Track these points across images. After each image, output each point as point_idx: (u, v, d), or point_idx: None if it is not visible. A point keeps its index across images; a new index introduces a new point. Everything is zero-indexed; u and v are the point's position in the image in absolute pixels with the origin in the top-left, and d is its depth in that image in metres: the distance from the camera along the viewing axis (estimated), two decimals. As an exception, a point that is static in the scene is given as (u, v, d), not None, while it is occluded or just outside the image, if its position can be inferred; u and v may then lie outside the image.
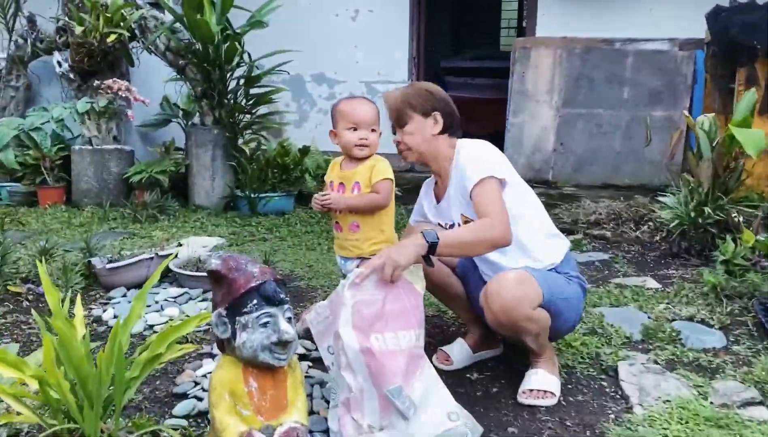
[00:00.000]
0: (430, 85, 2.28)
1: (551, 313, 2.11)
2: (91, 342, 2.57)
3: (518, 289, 2.01)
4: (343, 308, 1.85)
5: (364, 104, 2.38)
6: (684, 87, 6.19)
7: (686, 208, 3.74)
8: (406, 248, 1.94)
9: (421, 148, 2.23)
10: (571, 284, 2.21)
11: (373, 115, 2.36)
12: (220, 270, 1.46)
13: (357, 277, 1.87)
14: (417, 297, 1.96)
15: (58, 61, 5.22)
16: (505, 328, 2.10)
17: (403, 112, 2.21)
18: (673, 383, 2.27)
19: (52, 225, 4.60)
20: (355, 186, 2.39)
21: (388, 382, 1.82)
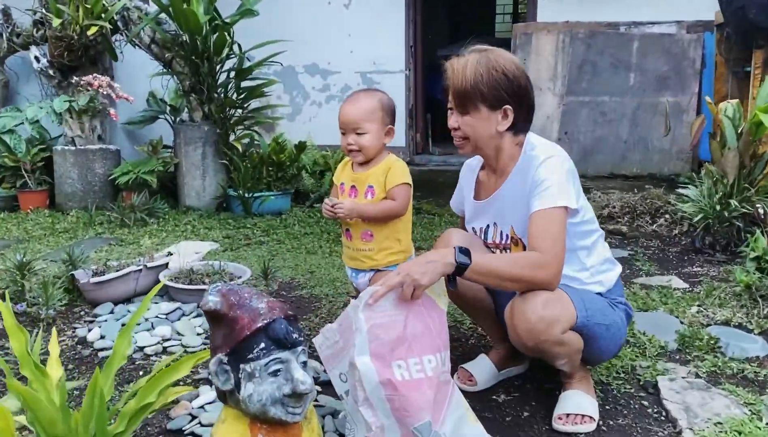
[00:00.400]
0: (510, 65, 1.81)
1: (584, 338, 1.87)
2: (76, 368, 2.34)
3: (547, 310, 1.75)
4: (357, 334, 1.60)
5: (350, 102, 2.12)
6: (692, 71, 5.96)
7: (710, 200, 3.52)
8: (429, 265, 1.67)
9: (481, 143, 1.90)
10: (615, 310, 1.97)
11: (357, 115, 2.09)
12: (219, 309, 1.21)
13: (370, 297, 1.61)
14: (440, 314, 1.72)
15: (36, 57, 4.92)
16: (531, 351, 1.87)
17: (468, 99, 1.82)
18: (720, 401, 2.05)
19: (34, 232, 4.33)
20: (369, 190, 2.15)
21: (415, 418, 1.58)
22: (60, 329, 2.66)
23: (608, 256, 2.05)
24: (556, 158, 1.85)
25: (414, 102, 7.31)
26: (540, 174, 1.82)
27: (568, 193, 1.82)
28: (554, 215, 1.79)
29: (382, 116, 2.12)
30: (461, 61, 1.83)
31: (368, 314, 1.62)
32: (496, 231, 2.02)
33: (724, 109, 3.51)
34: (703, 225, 3.57)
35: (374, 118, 2.11)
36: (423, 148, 7.72)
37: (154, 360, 2.38)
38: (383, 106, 2.13)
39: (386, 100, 2.16)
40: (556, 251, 1.75)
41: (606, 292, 1.99)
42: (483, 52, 1.83)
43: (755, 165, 3.47)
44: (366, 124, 2.09)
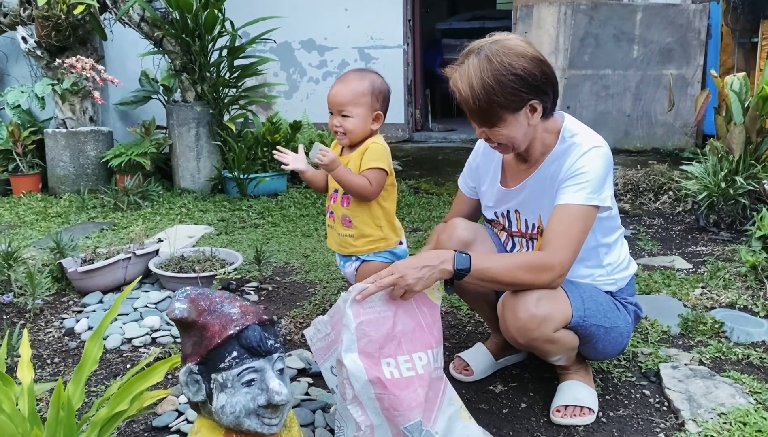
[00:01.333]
0: (517, 61, 1.62)
1: (580, 337, 1.79)
2: (62, 361, 2.28)
3: (540, 308, 1.67)
4: (345, 330, 1.53)
5: (341, 82, 2.02)
6: (697, 43, 5.80)
7: (715, 177, 3.42)
8: (425, 270, 1.57)
9: (518, 143, 1.74)
10: (621, 312, 1.88)
11: (344, 97, 1.99)
12: (186, 317, 1.12)
13: (359, 294, 1.54)
14: (434, 310, 1.65)
15: (23, 37, 4.79)
16: (523, 347, 1.82)
17: (489, 115, 1.66)
18: (725, 390, 1.98)
19: (26, 216, 4.26)
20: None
21: (405, 418, 1.52)
22: (47, 320, 2.60)
23: (626, 255, 1.96)
24: (602, 149, 1.73)
25: (413, 77, 7.16)
26: (580, 164, 1.70)
27: (605, 191, 1.71)
28: (581, 213, 1.68)
29: (370, 101, 2.01)
30: (464, 76, 1.64)
31: (356, 309, 1.55)
32: (519, 219, 1.91)
33: (730, 82, 3.40)
34: (707, 203, 3.48)
35: (362, 102, 2.00)
36: (422, 124, 7.59)
37: (142, 352, 2.32)
38: (373, 91, 2.01)
39: (378, 83, 2.04)
40: (567, 253, 1.65)
41: (617, 291, 1.91)
42: (481, 52, 1.63)
43: (762, 140, 3.37)
44: (352, 108, 1.99)
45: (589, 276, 1.86)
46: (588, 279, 1.86)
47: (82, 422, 1.27)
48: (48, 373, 2.19)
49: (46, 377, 2.17)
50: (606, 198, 1.71)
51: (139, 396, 1.24)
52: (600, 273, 1.88)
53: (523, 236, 1.92)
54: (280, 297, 2.83)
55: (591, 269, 1.86)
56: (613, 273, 1.89)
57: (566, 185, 1.70)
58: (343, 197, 2.09)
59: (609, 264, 1.89)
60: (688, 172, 3.65)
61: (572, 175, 1.70)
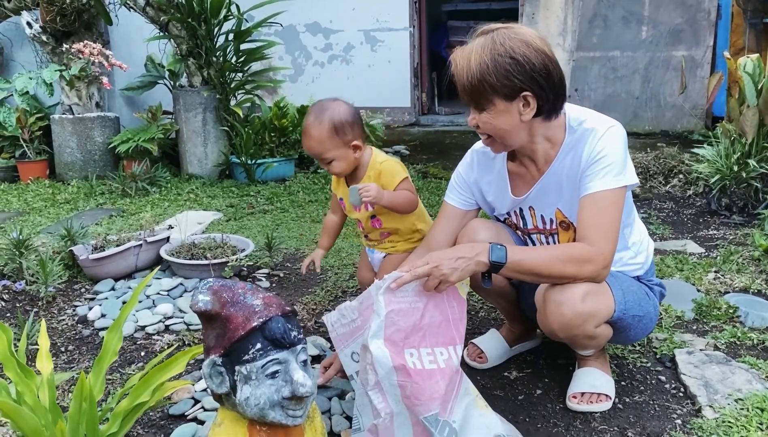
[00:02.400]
0: (519, 46, 1.55)
1: (616, 328, 1.78)
2: (76, 349, 2.29)
3: (586, 304, 1.63)
4: (375, 317, 1.52)
5: (304, 134, 1.98)
6: (707, 23, 5.74)
7: (727, 160, 3.39)
8: (460, 261, 1.54)
9: (508, 139, 1.66)
10: (651, 298, 1.86)
11: (315, 148, 1.95)
12: (209, 309, 1.12)
13: (394, 282, 1.52)
14: (462, 305, 1.63)
15: (28, 22, 4.76)
16: (558, 339, 1.79)
17: (479, 94, 1.58)
18: (741, 375, 1.98)
19: (34, 203, 4.26)
20: (368, 205, 2.06)
21: (426, 408, 1.51)
22: (60, 307, 2.60)
23: (644, 231, 1.93)
24: (616, 128, 1.68)
25: (419, 60, 7.11)
26: (600, 148, 1.64)
27: (630, 169, 1.66)
28: (612, 198, 1.63)
29: (338, 139, 1.95)
30: (465, 52, 1.59)
31: (389, 298, 1.54)
32: (535, 215, 1.84)
33: (744, 64, 3.35)
34: (719, 186, 3.45)
35: (332, 144, 1.94)
36: (429, 108, 7.55)
37: (156, 340, 2.33)
38: (335, 127, 1.93)
39: (338, 116, 1.94)
40: (607, 242, 1.60)
41: (644, 274, 1.89)
42: (489, 34, 1.58)
43: (775, 123, 3.33)
44: (328, 154, 1.96)
45: (618, 260, 1.83)
46: (618, 264, 1.83)
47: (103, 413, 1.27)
48: (63, 361, 2.20)
49: (61, 365, 2.17)
50: (631, 175, 1.68)
51: (160, 388, 1.24)
52: (629, 257, 1.85)
53: (541, 232, 1.86)
54: (292, 284, 2.82)
55: (620, 252, 1.81)
56: (639, 254, 1.87)
57: (589, 173, 1.65)
58: (373, 221, 2.11)
59: (634, 243, 1.86)
60: (699, 155, 3.62)
61: (594, 161, 1.65)
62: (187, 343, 2.28)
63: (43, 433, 1.09)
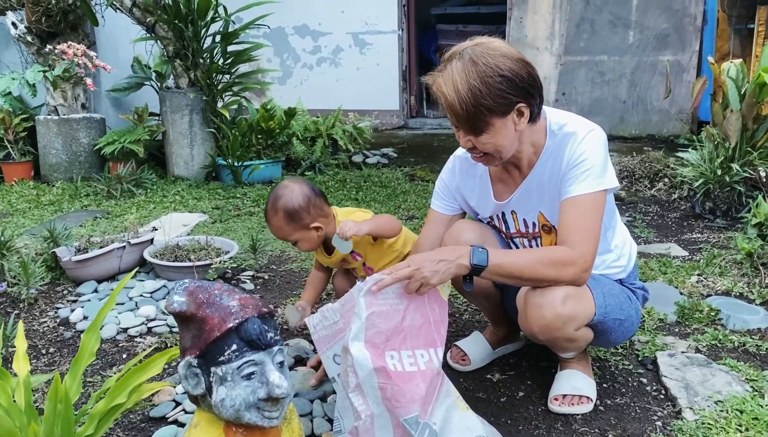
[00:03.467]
0: (503, 62, 1.55)
1: (597, 331, 1.79)
2: (57, 352, 2.27)
3: (566, 307, 1.64)
4: (356, 319, 1.52)
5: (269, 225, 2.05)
6: (693, 29, 5.79)
7: (711, 164, 3.42)
8: (442, 264, 1.54)
9: (505, 152, 1.66)
10: (633, 302, 1.87)
11: (278, 234, 2.04)
12: (185, 310, 1.11)
13: (375, 284, 1.52)
14: (443, 308, 1.63)
15: (13, 23, 4.72)
16: (539, 342, 1.80)
17: (476, 120, 1.57)
18: (721, 377, 1.99)
19: (18, 205, 4.22)
20: (354, 255, 2.15)
21: (406, 410, 1.51)
22: (42, 309, 2.58)
23: (627, 233, 1.94)
24: (596, 132, 1.68)
25: (408, 63, 7.12)
26: (580, 151, 1.65)
27: (610, 172, 1.67)
28: (593, 201, 1.64)
29: (295, 225, 2.00)
30: (448, 80, 1.55)
31: (369, 300, 1.54)
32: (517, 219, 1.85)
33: (727, 69, 3.39)
34: (703, 190, 3.48)
35: (291, 229, 2.01)
36: (417, 111, 7.56)
37: (138, 342, 2.31)
38: (291, 215, 1.97)
39: (290, 204, 1.97)
40: (587, 245, 1.61)
41: (626, 277, 1.90)
42: (464, 55, 1.56)
43: (758, 127, 3.37)
44: (290, 237, 2.04)
45: (601, 264, 1.84)
46: (601, 267, 1.84)
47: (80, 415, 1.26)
48: (43, 364, 2.18)
49: (41, 368, 2.15)
50: (611, 179, 1.68)
51: (137, 389, 1.23)
52: (612, 260, 1.86)
53: (523, 236, 1.88)
54: (276, 286, 2.81)
55: (602, 255, 1.83)
56: (621, 257, 1.88)
57: (570, 176, 1.66)
58: (365, 269, 2.18)
59: (616, 246, 1.87)
60: (684, 159, 3.65)
61: (574, 165, 1.66)
62: (170, 345, 2.26)
63: (17, 435, 1.07)
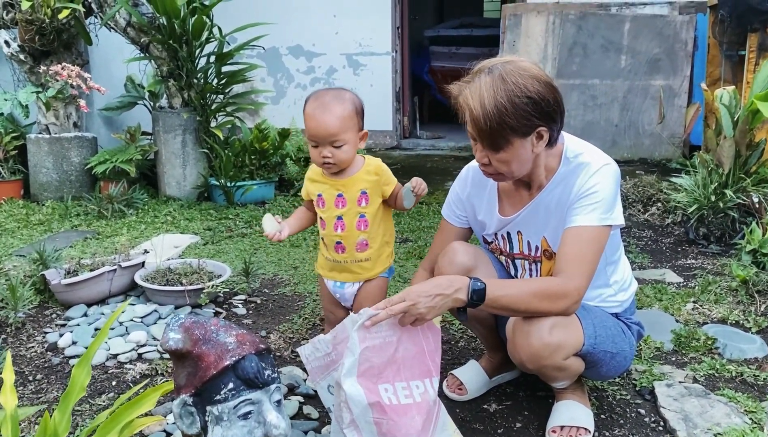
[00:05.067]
0: (531, 84, 1.55)
1: (587, 362, 1.77)
2: (45, 378, 2.22)
3: (554, 336, 1.63)
4: (348, 354, 1.49)
5: (323, 110, 1.83)
6: (684, 54, 5.85)
7: (705, 190, 3.42)
8: (438, 299, 1.52)
9: (519, 173, 1.67)
10: (627, 336, 1.86)
11: (334, 126, 1.81)
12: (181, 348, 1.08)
13: (368, 320, 1.50)
14: (437, 336, 1.61)
15: (6, 41, 4.70)
16: (529, 371, 1.78)
17: (498, 136, 1.57)
18: (720, 409, 1.97)
19: (7, 224, 4.16)
20: (363, 197, 1.93)
21: (402, 444, 1.48)
22: (29, 334, 2.53)
23: (629, 272, 1.94)
24: (611, 167, 1.69)
25: (401, 84, 7.15)
26: (591, 184, 1.65)
27: (618, 209, 1.68)
28: (595, 235, 1.64)
29: (357, 122, 1.88)
30: (475, 93, 1.55)
31: (363, 334, 1.51)
32: (522, 240, 1.85)
33: (720, 96, 3.41)
34: (697, 215, 3.48)
35: (351, 125, 1.85)
36: (410, 132, 7.57)
37: (128, 369, 2.26)
38: (357, 110, 1.88)
39: (358, 100, 1.91)
40: (582, 278, 1.61)
41: (622, 312, 1.89)
42: (494, 71, 1.56)
43: (751, 154, 3.38)
44: (343, 135, 1.84)
45: (597, 297, 1.84)
46: (596, 300, 1.84)
47: (68, 452, 1.22)
48: (30, 391, 2.13)
49: (28, 395, 2.10)
50: (618, 216, 1.68)
51: (128, 425, 1.19)
52: (608, 294, 1.86)
53: (525, 258, 1.87)
54: (269, 311, 2.78)
55: (599, 289, 1.83)
56: (619, 293, 1.87)
57: (578, 206, 1.66)
58: (359, 220, 1.95)
59: (615, 282, 1.86)
60: (677, 184, 3.66)
61: (583, 196, 1.66)
62: (160, 373, 2.22)
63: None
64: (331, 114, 1.83)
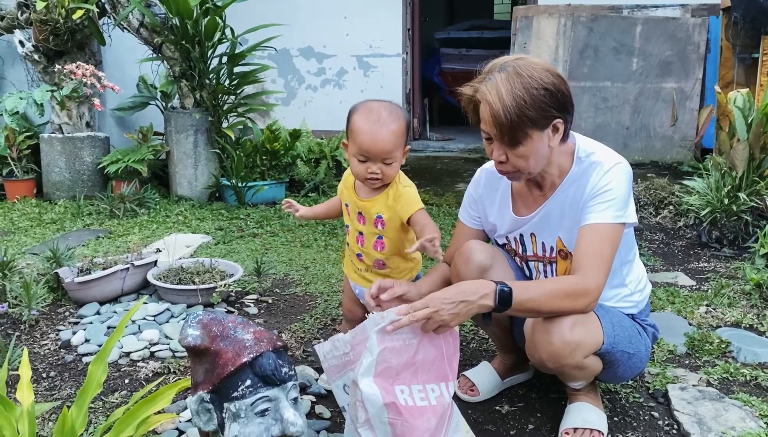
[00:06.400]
0: (546, 76, 1.58)
1: (605, 362, 1.76)
2: (58, 376, 2.23)
3: (574, 334, 1.63)
4: (367, 354, 1.49)
5: (382, 129, 1.77)
6: (696, 57, 5.81)
7: (718, 193, 3.40)
8: (462, 305, 1.51)
9: (535, 169, 1.67)
10: (643, 337, 1.86)
11: (391, 142, 1.77)
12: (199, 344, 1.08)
13: (390, 325, 1.49)
14: (455, 339, 1.60)
15: (21, 41, 4.74)
16: (548, 371, 1.77)
17: (517, 130, 1.57)
18: (735, 413, 1.96)
19: (20, 222, 4.20)
20: (378, 221, 1.94)
21: (417, 444, 1.48)
22: (43, 331, 2.54)
23: (643, 272, 1.94)
24: (623, 165, 1.69)
25: (411, 86, 7.15)
26: (605, 182, 1.65)
27: (631, 207, 1.68)
28: (610, 232, 1.64)
29: (405, 139, 1.84)
30: (492, 88, 1.56)
31: (382, 336, 1.51)
32: (536, 242, 1.85)
33: (734, 98, 3.39)
34: (709, 219, 3.46)
35: (402, 142, 1.82)
36: (420, 133, 7.57)
37: (141, 367, 2.27)
38: (408, 126, 1.85)
39: (408, 116, 1.89)
40: (600, 275, 1.61)
41: (637, 313, 1.88)
42: (509, 68, 1.57)
43: (765, 157, 3.36)
44: (396, 152, 1.81)
45: (614, 297, 1.84)
46: (613, 300, 1.83)
47: (85, 448, 1.23)
48: (44, 388, 2.14)
49: (41, 392, 2.12)
50: (631, 214, 1.69)
51: (144, 422, 1.20)
52: (625, 294, 1.85)
53: (540, 260, 1.87)
54: (280, 310, 2.78)
55: (616, 288, 1.83)
56: (635, 293, 1.87)
57: (592, 204, 1.67)
58: (377, 242, 1.96)
59: (631, 282, 1.86)
60: (690, 187, 3.64)
61: (597, 194, 1.66)
62: (173, 371, 2.23)
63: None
64: (389, 131, 1.79)
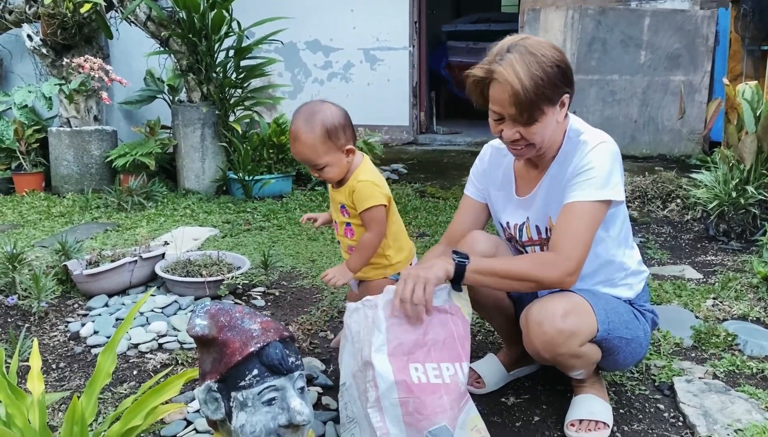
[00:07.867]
0: (555, 54, 1.61)
1: (603, 350, 1.77)
2: (67, 366, 2.25)
3: (567, 322, 1.64)
4: (376, 332, 1.51)
5: (294, 140, 1.88)
6: (705, 49, 5.78)
7: (726, 186, 3.39)
8: (433, 268, 1.58)
9: (546, 144, 1.71)
10: (640, 322, 1.86)
11: (305, 154, 1.87)
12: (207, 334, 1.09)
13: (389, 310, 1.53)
14: (466, 325, 1.62)
15: (29, 35, 4.76)
16: (546, 361, 1.78)
17: (536, 108, 1.59)
18: (741, 405, 1.96)
19: (29, 216, 4.23)
20: (343, 210, 2.02)
21: (430, 422, 1.49)
22: (52, 323, 2.57)
23: (639, 256, 1.94)
24: (607, 145, 1.70)
25: (418, 79, 7.14)
26: (586, 161, 1.66)
27: (614, 185, 1.67)
28: (589, 210, 1.65)
29: (332, 143, 1.87)
30: (509, 68, 1.57)
31: (388, 313, 1.54)
32: (530, 227, 1.87)
33: (742, 91, 3.37)
34: (717, 212, 3.45)
35: (325, 148, 1.86)
36: (427, 127, 7.56)
37: (149, 358, 2.29)
38: (328, 131, 1.85)
39: (330, 119, 1.86)
40: (574, 250, 1.62)
41: (634, 298, 1.88)
42: (521, 48, 1.59)
43: (773, 150, 3.34)
44: (320, 160, 1.88)
45: (608, 281, 1.84)
46: (608, 285, 1.84)
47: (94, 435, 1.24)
48: (53, 379, 2.16)
49: (51, 382, 2.14)
50: (614, 192, 1.67)
51: (153, 411, 1.21)
52: (620, 277, 1.86)
53: (534, 243, 1.88)
54: (287, 303, 2.80)
55: (612, 272, 1.84)
56: (631, 276, 1.88)
57: (573, 183, 1.68)
58: (346, 228, 2.04)
59: (629, 267, 1.87)
60: (697, 180, 3.62)
61: (578, 173, 1.67)
62: (180, 363, 2.25)
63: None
64: (302, 144, 1.87)
